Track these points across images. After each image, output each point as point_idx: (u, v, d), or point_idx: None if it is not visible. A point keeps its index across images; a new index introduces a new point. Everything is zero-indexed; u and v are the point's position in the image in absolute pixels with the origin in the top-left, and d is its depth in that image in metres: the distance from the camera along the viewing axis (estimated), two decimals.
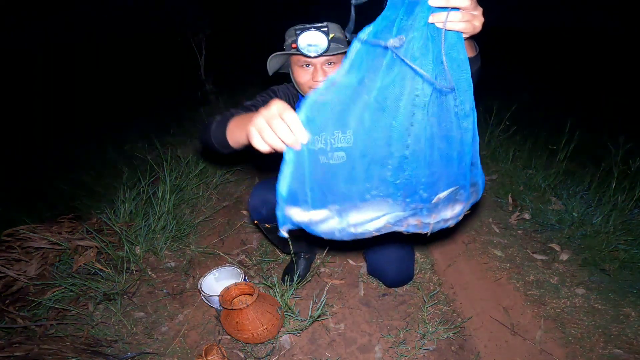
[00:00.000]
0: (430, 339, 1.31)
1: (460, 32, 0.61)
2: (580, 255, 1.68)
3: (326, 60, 1.06)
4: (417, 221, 0.72)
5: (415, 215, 0.71)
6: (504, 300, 1.49)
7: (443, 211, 0.72)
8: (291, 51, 1.04)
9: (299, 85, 1.14)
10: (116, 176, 2.39)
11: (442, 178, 0.68)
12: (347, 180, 0.67)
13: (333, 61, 1.07)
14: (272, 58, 1.09)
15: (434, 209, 0.71)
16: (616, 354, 1.25)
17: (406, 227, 0.72)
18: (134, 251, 1.69)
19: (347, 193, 0.67)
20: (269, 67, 1.12)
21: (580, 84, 4.04)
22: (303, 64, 1.08)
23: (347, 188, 0.67)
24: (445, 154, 0.66)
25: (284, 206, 0.68)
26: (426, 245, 1.81)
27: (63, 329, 1.38)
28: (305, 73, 1.09)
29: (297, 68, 1.11)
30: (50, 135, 3.58)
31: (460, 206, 0.74)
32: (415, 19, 0.58)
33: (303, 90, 1.15)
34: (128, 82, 4.95)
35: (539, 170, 2.27)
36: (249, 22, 6.67)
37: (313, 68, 1.08)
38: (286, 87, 1.31)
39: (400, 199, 0.68)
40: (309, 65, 1.08)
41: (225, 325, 1.28)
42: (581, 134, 2.19)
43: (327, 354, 1.29)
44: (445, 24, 0.57)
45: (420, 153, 0.64)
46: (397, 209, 0.69)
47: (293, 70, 1.13)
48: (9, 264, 1.47)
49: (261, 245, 1.84)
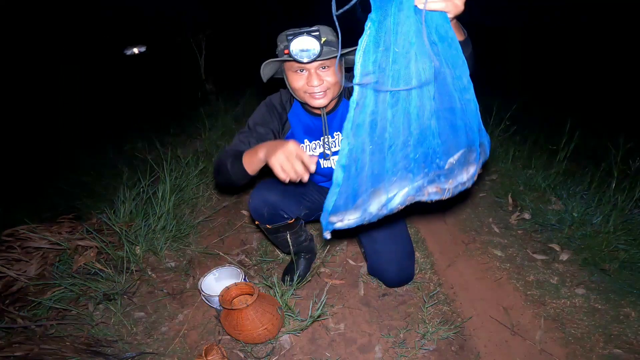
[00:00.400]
0: (430, 339, 1.31)
1: (444, 12, 0.65)
2: (580, 255, 1.68)
3: (320, 65, 1.06)
4: (436, 188, 0.80)
5: (434, 182, 0.79)
6: (504, 300, 1.49)
7: (459, 175, 0.80)
8: (284, 57, 1.04)
9: (294, 90, 1.14)
10: (116, 176, 2.40)
11: (452, 145, 0.77)
12: (378, 172, 0.76)
13: (327, 65, 1.06)
14: (266, 65, 1.08)
15: (450, 174, 0.79)
16: (616, 354, 1.25)
17: (427, 195, 0.80)
18: (134, 251, 1.69)
19: (375, 182, 0.77)
20: (262, 74, 1.11)
21: (580, 84, 4.04)
22: (297, 70, 1.08)
23: (374, 179, 0.77)
24: (451, 123, 0.75)
25: (328, 216, 0.80)
26: (426, 245, 1.81)
27: (63, 329, 1.38)
28: (299, 78, 1.09)
29: (291, 73, 1.10)
30: (50, 135, 3.58)
31: (473, 167, 0.82)
32: (403, 7, 0.64)
33: (298, 96, 1.15)
34: (128, 82, 4.95)
35: (539, 170, 2.27)
36: (249, 22, 6.67)
37: (307, 73, 1.07)
38: (279, 95, 1.31)
39: (419, 170, 0.77)
40: (303, 70, 1.07)
41: (225, 325, 1.28)
42: (581, 134, 2.19)
43: (327, 354, 1.29)
44: (426, 4, 0.62)
45: (432, 126, 0.73)
46: (417, 180, 0.78)
47: (287, 76, 1.13)
48: (9, 264, 1.47)
49: (261, 245, 1.84)
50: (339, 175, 0.74)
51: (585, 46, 5.66)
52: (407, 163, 0.75)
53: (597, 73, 4.43)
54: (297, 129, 1.31)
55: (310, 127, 1.29)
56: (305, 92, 1.10)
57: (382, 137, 0.73)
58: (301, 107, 1.28)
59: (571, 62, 5.01)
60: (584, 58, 5.13)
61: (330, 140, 1.30)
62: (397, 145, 0.74)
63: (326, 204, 0.78)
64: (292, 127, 1.31)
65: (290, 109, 1.30)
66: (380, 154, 0.74)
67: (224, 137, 3.15)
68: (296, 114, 1.30)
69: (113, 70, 5.44)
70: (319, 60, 1.02)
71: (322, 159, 1.33)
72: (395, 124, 0.72)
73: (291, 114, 1.30)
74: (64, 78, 5.17)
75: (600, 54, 5.26)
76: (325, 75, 1.07)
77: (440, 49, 0.67)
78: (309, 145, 1.33)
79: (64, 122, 3.84)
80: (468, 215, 2.04)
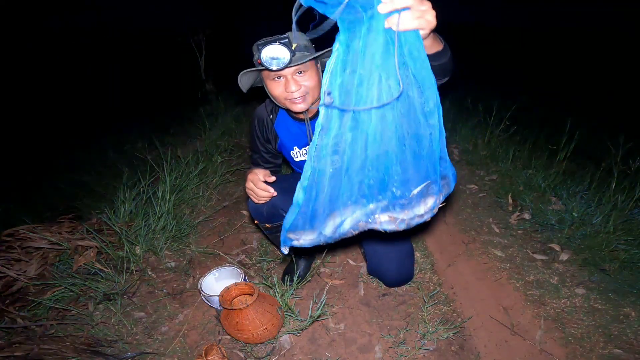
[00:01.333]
0: (430, 339, 1.31)
1: (417, 30, 0.63)
2: (580, 255, 1.68)
3: (295, 70, 1.06)
4: (389, 217, 0.75)
5: (387, 211, 0.75)
6: (504, 300, 1.49)
7: (416, 207, 0.75)
8: (258, 67, 1.05)
9: (275, 98, 1.15)
10: (116, 176, 2.39)
11: (414, 175, 0.72)
12: (334, 196, 0.75)
13: (302, 69, 1.07)
14: (242, 75, 1.08)
15: (406, 205, 0.74)
16: (616, 354, 1.25)
17: (379, 224, 0.76)
18: (134, 251, 1.69)
19: (332, 206, 0.76)
20: (240, 84, 1.11)
21: (580, 84, 4.04)
22: (274, 77, 1.08)
23: (332, 203, 0.76)
24: (415, 151, 0.70)
25: (285, 233, 0.83)
26: (426, 245, 1.81)
27: (63, 329, 1.38)
28: (277, 85, 1.10)
29: (269, 82, 1.11)
30: (50, 135, 3.58)
31: (432, 199, 0.76)
32: (372, 28, 0.61)
33: (279, 103, 1.15)
34: (128, 82, 4.95)
35: (539, 170, 2.27)
36: (249, 22, 6.67)
37: (284, 79, 1.08)
38: (264, 107, 1.34)
39: (373, 197, 0.74)
40: (280, 78, 1.08)
41: (225, 325, 1.28)
42: (581, 134, 2.19)
43: (327, 354, 1.29)
44: (398, 25, 0.60)
45: (392, 152, 0.69)
46: (369, 206, 0.75)
47: (266, 85, 1.14)
48: (9, 264, 1.47)
49: (261, 245, 1.84)
50: (300, 196, 0.75)
51: (586, 46, 5.66)
52: (361, 188, 0.73)
53: (597, 73, 4.43)
54: (285, 138, 1.34)
55: (297, 133, 1.31)
56: (285, 98, 1.11)
57: (341, 161, 0.72)
58: (286, 115, 1.30)
59: (571, 62, 5.01)
60: (584, 58, 5.13)
61: None
62: (354, 169, 0.72)
63: (285, 221, 0.81)
64: (279, 136, 1.34)
65: (276, 118, 1.32)
66: (338, 177, 0.73)
67: (224, 137, 3.15)
68: (282, 123, 1.32)
69: (113, 70, 5.44)
70: (291, 66, 1.02)
71: None
72: (353, 146, 0.70)
73: (277, 124, 1.33)
74: (64, 78, 5.17)
75: (600, 54, 5.27)
76: (303, 80, 1.08)
77: (412, 69, 0.65)
78: (299, 152, 1.35)
79: (64, 122, 3.84)
80: (468, 215, 2.04)
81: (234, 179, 2.46)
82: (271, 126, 1.33)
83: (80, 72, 5.44)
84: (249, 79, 1.13)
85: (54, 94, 4.71)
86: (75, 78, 5.19)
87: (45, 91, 4.89)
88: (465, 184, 2.37)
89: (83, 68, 5.61)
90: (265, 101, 1.33)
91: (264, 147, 1.39)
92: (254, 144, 1.40)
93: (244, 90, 1.15)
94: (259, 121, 1.35)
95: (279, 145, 1.37)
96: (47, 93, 4.81)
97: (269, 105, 1.33)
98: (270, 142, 1.37)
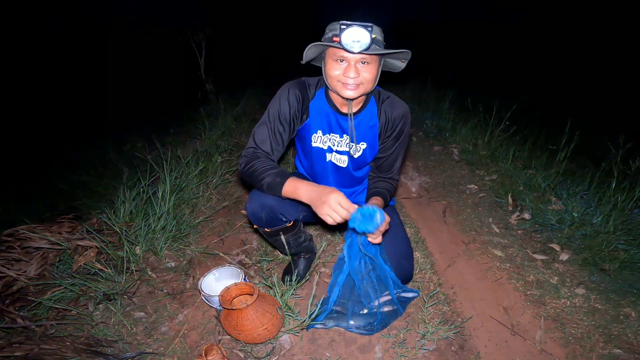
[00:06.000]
0: (430, 339, 1.31)
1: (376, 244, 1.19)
2: (580, 255, 1.68)
3: (361, 59, 1.07)
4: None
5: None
6: (504, 300, 1.49)
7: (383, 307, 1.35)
8: (332, 44, 1.05)
9: (329, 77, 1.14)
10: (116, 176, 2.40)
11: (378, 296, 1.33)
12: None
13: (367, 61, 1.08)
14: (311, 47, 1.08)
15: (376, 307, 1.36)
16: (616, 354, 1.25)
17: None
18: (134, 251, 1.69)
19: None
20: (305, 55, 1.11)
21: (580, 84, 4.04)
22: (338, 59, 1.09)
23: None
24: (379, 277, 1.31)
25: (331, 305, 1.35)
26: (426, 245, 1.81)
27: (63, 329, 1.38)
28: (338, 67, 1.10)
29: (331, 61, 1.11)
30: (50, 135, 3.58)
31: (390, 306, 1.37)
32: (355, 242, 1.21)
33: (331, 83, 1.15)
34: (128, 82, 4.95)
35: (539, 170, 2.27)
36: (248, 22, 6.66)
37: (347, 64, 1.08)
38: (304, 82, 1.28)
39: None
40: (343, 61, 1.09)
41: (225, 325, 1.28)
42: (581, 134, 2.19)
43: (327, 354, 1.29)
44: (374, 240, 1.15)
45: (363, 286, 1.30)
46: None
47: (326, 63, 1.13)
48: (9, 264, 1.46)
49: (261, 245, 1.84)
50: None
51: (586, 46, 5.66)
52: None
53: (597, 73, 4.43)
54: (315, 120, 1.30)
55: (328, 120, 1.29)
56: (339, 80, 1.11)
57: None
58: (324, 99, 1.27)
59: (571, 62, 5.01)
60: (584, 58, 5.13)
61: (347, 139, 1.31)
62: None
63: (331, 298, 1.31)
64: (310, 116, 1.29)
65: (313, 98, 1.29)
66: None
67: (224, 137, 3.15)
68: (317, 104, 1.29)
69: (113, 70, 5.44)
70: (365, 53, 1.04)
71: (330, 153, 1.34)
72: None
73: (313, 103, 1.29)
74: (64, 78, 5.17)
75: (600, 54, 5.27)
76: (363, 70, 1.09)
77: (371, 254, 1.23)
78: (321, 137, 1.32)
79: (64, 122, 3.84)
80: (468, 215, 2.04)
81: (234, 179, 2.46)
82: (307, 103, 1.28)
83: (80, 72, 5.44)
84: (313, 52, 1.13)
85: (54, 94, 4.71)
86: (76, 78, 5.19)
87: (45, 91, 4.89)
88: (465, 184, 2.37)
89: (83, 68, 5.61)
90: (302, 79, 1.29)
91: (282, 126, 1.24)
92: (276, 111, 1.23)
93: (303, 61, 1.15)
94: (301, 90, 1.25)
95: (304, 126, 1.30)
96: (47, 93, 4.81)
97: (312, 83, 1.29)
98: (295, 120, 1.26)
